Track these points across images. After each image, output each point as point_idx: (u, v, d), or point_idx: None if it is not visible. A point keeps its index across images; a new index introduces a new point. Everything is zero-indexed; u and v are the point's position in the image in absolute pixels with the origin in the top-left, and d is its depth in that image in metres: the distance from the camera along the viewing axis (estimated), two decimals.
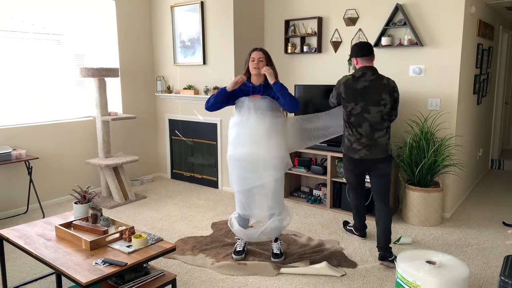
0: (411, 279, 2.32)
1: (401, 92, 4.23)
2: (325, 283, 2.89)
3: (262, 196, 3.13)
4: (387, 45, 4.16)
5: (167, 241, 3.10)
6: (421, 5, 4.00)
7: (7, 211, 4.30)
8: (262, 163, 3.04)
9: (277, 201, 3.14)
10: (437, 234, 3.73)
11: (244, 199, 3.17)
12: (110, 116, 4.69)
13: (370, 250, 3.41)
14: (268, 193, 3.11)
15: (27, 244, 2.49)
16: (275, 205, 3.14)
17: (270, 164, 3.05)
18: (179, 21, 5.23)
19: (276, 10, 5.04)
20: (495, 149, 6.57)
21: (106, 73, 4.55)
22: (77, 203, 2.87)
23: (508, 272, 2.18)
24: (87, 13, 4.89)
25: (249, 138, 3.04)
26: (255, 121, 3.02)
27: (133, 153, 5.53)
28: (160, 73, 5.59)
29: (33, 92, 4.49)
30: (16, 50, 4.30)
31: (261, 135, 3.02)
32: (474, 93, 4.65)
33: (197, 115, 5.27)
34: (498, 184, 5.36)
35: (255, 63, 3.04)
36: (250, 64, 3.06)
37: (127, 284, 2.33)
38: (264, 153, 3.03)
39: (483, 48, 4.78)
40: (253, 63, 3.04)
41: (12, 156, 3.94)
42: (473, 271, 3.06)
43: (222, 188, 5.19)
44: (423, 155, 3.87)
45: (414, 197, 3.90)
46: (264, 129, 3.02)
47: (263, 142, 3.03)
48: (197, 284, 2.89)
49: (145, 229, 3.90)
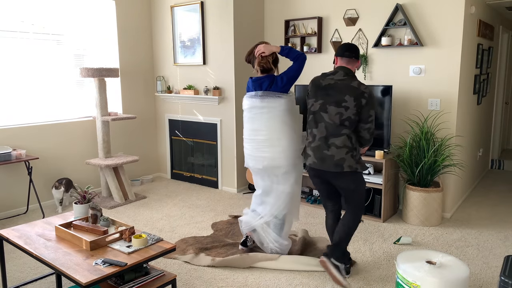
0: (411, 279, 2.32)
1: (401, 92, 4.23)
2: (325, 283, 2.89)
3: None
4: (387, 45, 4.16)
5: (167, 241, 3.10)
6: (421, 5, 4.00)
7: (7, 211, 4.30)
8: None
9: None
10: (437, 234, 3.73)
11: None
12: (110, 116, 4.69)
13: (370, 250, 3.41)
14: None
15: (27, 244, 2.49)
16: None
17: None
18: (179, 21, 5.23)
19: (276, 10, 5.04)
20: (495, 149, 6.57)
21: (106, 73, 4.55)
22: (77, 203, 2.87)
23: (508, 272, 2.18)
24: (87, 13, 4.89)
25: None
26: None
27: (133, 153, 5.53)
28: (160, 73, 5.59)
29: (33, 92, 4.48)
30: (16, 50, 4.30)
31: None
32: (474, 93, 4.65)
33: (197, 115, 5.27)
34: (498, 184, 5.36)
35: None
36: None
37: (127, 284, 2.33)
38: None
39: (483, 48, 4.78)
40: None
41: (12, 156, 3.94)
42: (473, 271, 3.05)
43: (222, 188, 5.19)
44: (423, 155, 3.87)
45: (414, 197, 3.90)
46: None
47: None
48: (197, 284, 2.89)
49: (145, 229, 3.90)
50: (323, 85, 2.80)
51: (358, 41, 4.43)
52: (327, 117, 2.74)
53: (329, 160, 2.73)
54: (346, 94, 2.70)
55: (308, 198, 4.59)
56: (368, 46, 4.37)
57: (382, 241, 3.59)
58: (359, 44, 4.43)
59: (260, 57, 3.09)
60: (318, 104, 2.80)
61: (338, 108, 2.71)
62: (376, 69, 4.35)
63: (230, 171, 5.06)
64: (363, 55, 4.39)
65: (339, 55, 2.85)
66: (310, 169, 2.90)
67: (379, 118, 4.07)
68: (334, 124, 2.73)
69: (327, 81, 2.80)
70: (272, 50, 3.07)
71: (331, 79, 2.79)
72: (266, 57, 3.08)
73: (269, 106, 3.01)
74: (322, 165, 2.76)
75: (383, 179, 3.94)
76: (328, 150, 2.73)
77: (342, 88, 2.73)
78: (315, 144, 2.79)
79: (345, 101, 2.70)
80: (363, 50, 4.40)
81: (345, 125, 2.71)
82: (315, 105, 2.81)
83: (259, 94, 3.04)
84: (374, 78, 4.38)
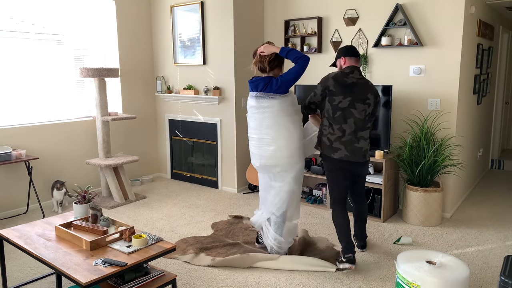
0: (411, 279, 2.32)
1: (401, 92, 4.23)
2: (325, 283, 2.89)
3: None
4: (387, 45, 4.16)
5: (167, 241, 3.10)
6: (421, 5, 4.00)
7: (7, 211, 4.30)
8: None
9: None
10: (437, 234, 3.73)
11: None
12: (110, 116, 4.69)
13: (370, 250, 3.40)
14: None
15: (27, 244, 2.49)
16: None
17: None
18: (179, 21, 5.23)
19: (276, 10, 5.04)
20: (495, 149, 6.57)
21: (106, 73, 4.55)
22: (77, 203, 2.87)
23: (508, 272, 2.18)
24: (87, 13, 4.89)
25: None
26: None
27: (133, 153, 5.53)
28: (160, 73, 5.59)
29: (33, 92, 4.49)
30: (16, 50, 4.30)
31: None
32: (474, 93, 4.65)
33: (197, 115, 5.27)
34: (498, 184, 5.36)
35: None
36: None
37: (127, 284, 2.33)
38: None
39: (483, 48, 4.79)
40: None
41: (12, 156, 3.94)
42: (473, 271, 3.05)
43: (222, 188, 5.19)
44: (423, 155, 3.87)
45: (414, 197, 3.90)
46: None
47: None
48: (197, 284, 2.89)
49: (145, 229, 3.90)
50: (348, 83, 3.01)
51: (358, 41, 4.43)
52: (356, 113, 3.01)
53: (359, 152, 3.05)
54: (368, 92, 3.03)
55: (308, 198, 4.59)
56: (368, 46, 4.37)
57: (382, 241, 3.59)
58: (359, 44, 4.43)
59: (258, 56, 3.13)
60: (347, 101, 2.99)
61: (364, 105, 3.02)
62: (376, 69, 4.35)
63: (230, 171, 5.06)
64: (363, 55, 4.39)
65: (349, 55, 3.08)
66: (339, 161, 3.06)
67: (379, 118, 4.07)
68: (361, 119, 3.02)
69: (351, 79, 3.02)
70: (272, 51, 3.09)
71: (353, 77, 3.03)
72: (263, 57, 3.11)
73: (263, 107, 3.04)
74: (354, 157, 3.04)
75: (383, 179, 3.94)
76: (358, 143, 3.04)
77: (364, 86, 3.03)
78: (346, 138, 3.03)
79: (368, 98, 3.02)
80: (363, 50, 4.40)
81: (367, 119, 3.06)
82: (343, 102, 3.00)
83: (254, 94, 3.08)
84: (374, 78, 4.38)
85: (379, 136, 4.10)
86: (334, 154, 3.05)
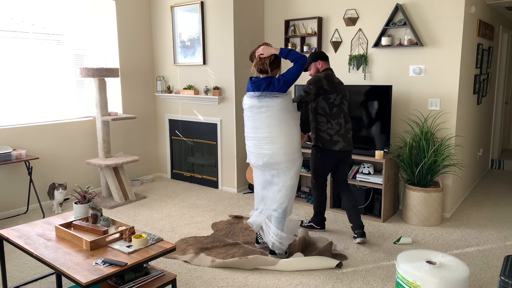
0: (411, 279, 2.32)
1: (401, 92, 4.24)
2: (325, 283, 2.89)
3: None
4: (387, 45, 4.16)
5: (167, 241, 3.11)
6: (421, 5, 4.00)
7: (7, 211, 4.30)
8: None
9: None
10: (437, 234, 3.73)
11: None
12: (110, 116, 4.69)
13: (370, 250, 3.41)
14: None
15: (27, 244, 2.49)
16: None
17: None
18: (179, 21, 5.23)
19: (276, 10, 5.04)
20: (495, 149, 6.57)
21: (106, 73, 4.55)
22: (77, 203, 2.88)
23: (508, 272, 2.18)
24: (87, 13, 4.89)
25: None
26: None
27: (133, 153, 5.53)
28: (160, 73, 5.59)
29: (33, 92, 4.49)
30: (16, 50, 4.30)
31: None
32: (474, 93, 4.65)
33: (197, 115, 5.27)
34: (498, 184, 5.37)
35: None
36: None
37: (127, 284, 2.33)
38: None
39: (483, 48, 4.79)
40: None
41: (12, 156, 3.94)
42: (473, 271, 3.06)
43: (222, 188, 5.19)
44: (423, 155, 3.87)
45: (414, 197, 3.90)
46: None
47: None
48: (197, 284, 2.89)
49: (145, 229, 3.90)
50: (336, 82, 3.45)
51: (358, 41, 4.43)
52: (345, 108, 3.48)
53: (351, 141, 3.52)
54: (346, 89, 3.54)
55: (308, 198, 4.58)
56: (368, 46, 4.37)
57: (382, 241, 3.59)
58: (359, 44, 4.43)
59: (258, 59, 3.16)
60: (339, 98, 3.43)
61: (346, 100, 3.51)
62: (376, 69, 4.35)
63: (230, 171, 5.06)
64: (363, 55, 4.39)
65: (324, 59, 3.54)
66: (339, 152, 3.47)
67: (379, 118, 4.07)
68: (347, 113, 3.50)
69: (336, 79, 3.48)
70: (271, 52, 3.14)
71: (336, 77, 3.49)
72: (263, 59, 3.14)
73: (267, 106, 3.09)
74: (349, 147, 3.50)
75: (383, 179, 3.94)
76: (349, 133, 3.50)
77: (343, 85, 3.52)
78: (342, 131, 3.45)
79: (347, 95, 3.53)
80: (363, 50, 4.40)
81: (347, 113, 3.52)
82: (337, 98, 3.42)
83: (257, 94, 3.11)
84: (374, 78, 4.38)
85: (379, 136, 4.09)
86: (335, 147, 3.44)
